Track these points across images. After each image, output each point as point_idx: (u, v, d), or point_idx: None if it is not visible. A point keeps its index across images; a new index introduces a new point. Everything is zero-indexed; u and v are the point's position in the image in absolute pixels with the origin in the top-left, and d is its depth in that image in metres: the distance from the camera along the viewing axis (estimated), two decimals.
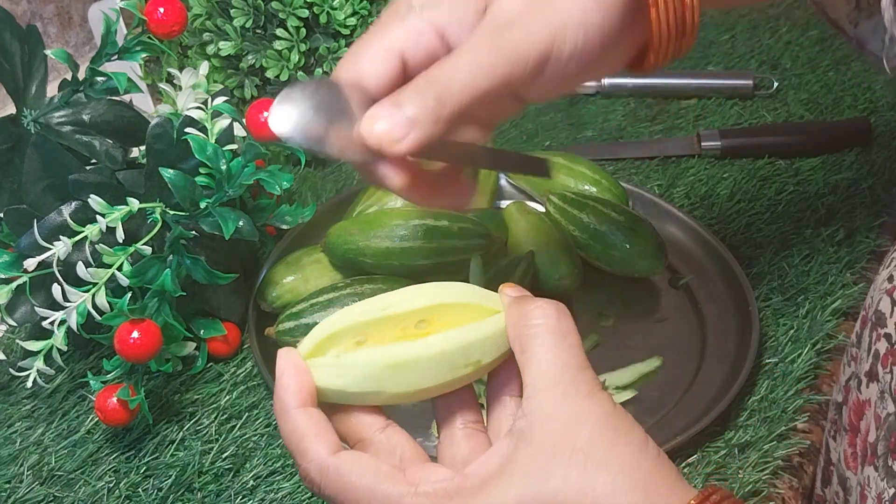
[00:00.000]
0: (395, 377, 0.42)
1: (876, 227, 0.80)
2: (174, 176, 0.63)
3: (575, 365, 0.40)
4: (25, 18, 1.05)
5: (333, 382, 0.42)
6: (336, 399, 0.43)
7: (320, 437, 0.41)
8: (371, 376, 0.42)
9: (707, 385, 0.66)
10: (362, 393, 0.42)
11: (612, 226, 0.73)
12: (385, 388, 0.42)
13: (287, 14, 0.81)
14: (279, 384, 0.42)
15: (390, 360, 0.42)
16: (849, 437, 0.59)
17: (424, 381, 0.42)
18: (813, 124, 0.92)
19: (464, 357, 0.42)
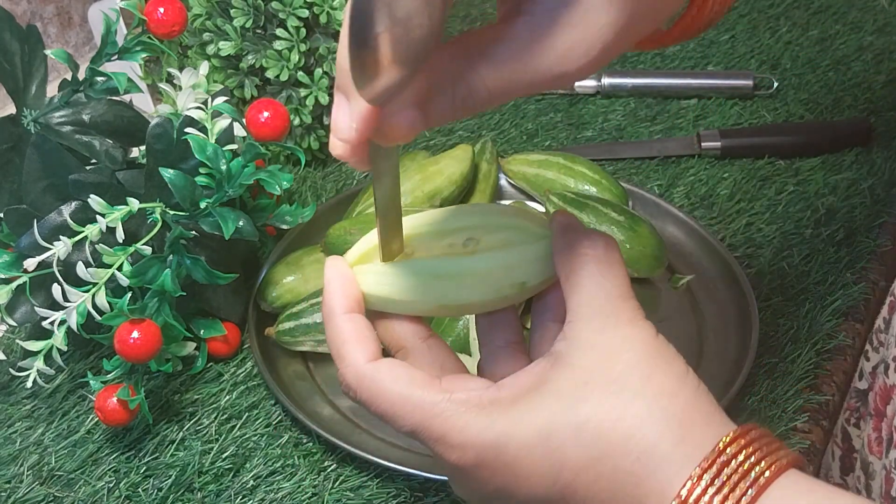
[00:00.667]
0: (441, 289, 0.42)
1: (876, 228, 0.80)
2: (174, 176, 0.63)
3: (618, 294, 0.40)
4: (25, 18, 1.05)
5: (379, 289, 0.42)
6: (380, 306, 0.43)
7: (360, 343, 0.41)
8: (417, 286, 0.42)
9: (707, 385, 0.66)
10: (407, 301, 0.42)
11: (612, 226, 0.73)
12: (429, 299, 0.42)
13: (287, 14, 0.81)
14: (326, 290, 0.42)
15: (437, 271, 0.42)
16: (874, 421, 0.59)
17: (468, 296, 0.42)
18: (813, 124, 0.92)
19: (509, 277, 0.42)
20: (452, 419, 0.39)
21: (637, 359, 0.39)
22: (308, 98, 0.84)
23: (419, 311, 0.43)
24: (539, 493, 0.39)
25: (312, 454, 0.64)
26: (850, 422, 0.64)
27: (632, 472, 0.37)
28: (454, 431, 0.39)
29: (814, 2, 1.13)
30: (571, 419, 0.38)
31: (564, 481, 0.38)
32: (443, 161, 0.80)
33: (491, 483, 0.40)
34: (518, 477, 0.39)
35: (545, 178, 0.81)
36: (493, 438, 0.39)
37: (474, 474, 0.40)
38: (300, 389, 0.68)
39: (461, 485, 0.42)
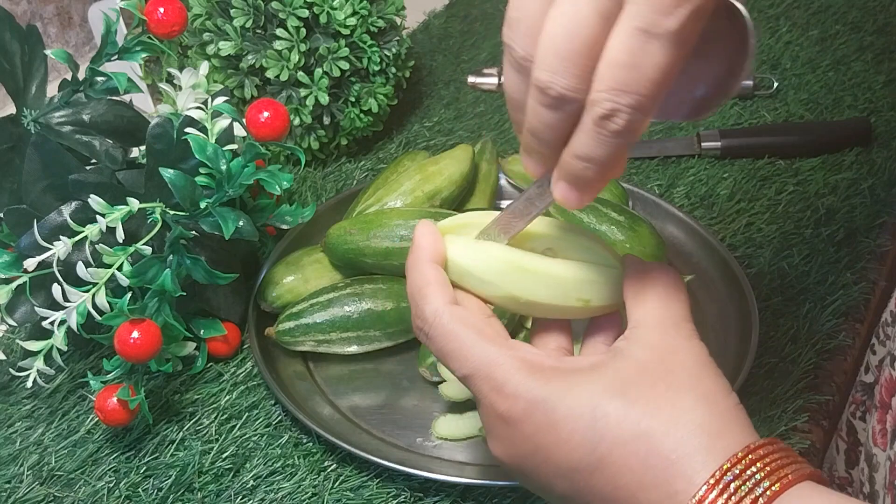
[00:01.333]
0: (516, 279, 0.45)
1: (876, 228, 0.80)
2: (174, 176, 0.63)
3: (681, 315, 0.44)
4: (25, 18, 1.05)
5: (464, 259, 0.46)
6: (457, 277, 0.46)
7: (443, 287, 0.45)
8: (497, 269, 0.45)
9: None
10: (483, 280, 0.46)
11: (612, 226, 0.73)
12: (504, 286, 0.46)
13: (287, 14, 0.81)
14: (415, 243, 0.46)
15: (519, 262, 0.45)
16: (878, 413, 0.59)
17: (538, 294, 0.46)
18: (813, 124, 0.92)
19: (577, 290, 0.46)
20: (512, 371, 0.42)
21: (691, 363, 0.42)
22: (308, 98, 0.84)
23: (490, 294, 0.46)
24: (574, 458, 0.41)
25: (312, 454, 0.64)
26: (856, 415, 0.64)
27: (666, 457, 0.39)
28: (511, 382, 0.42)
29: (814, 2, 1.13)
30: (621, 397, 0.40)
31: (601, 452, 0.40)
32: (443, 161, 0.80)
33: (531, 441, 0.42)
34: (559, 439, 0.41)
35: None
36: (544, 396, 0.41)
37: (518, 428, 0.42)
38: (300, 389, 0.68)
39: (501, 439, 0.44)
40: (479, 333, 0.44)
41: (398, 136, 0.96)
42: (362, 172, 0.91)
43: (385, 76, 0.88)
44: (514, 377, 0.42)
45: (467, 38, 1.13)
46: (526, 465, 0.43)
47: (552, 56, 0.36)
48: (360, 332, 0.69)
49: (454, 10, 1.19)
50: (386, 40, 0.88)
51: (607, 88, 0.36)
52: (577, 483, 0.41)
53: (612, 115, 0.36)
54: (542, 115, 0.38)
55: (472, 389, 0.44)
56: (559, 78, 0.36)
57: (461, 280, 0.47)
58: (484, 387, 0.43)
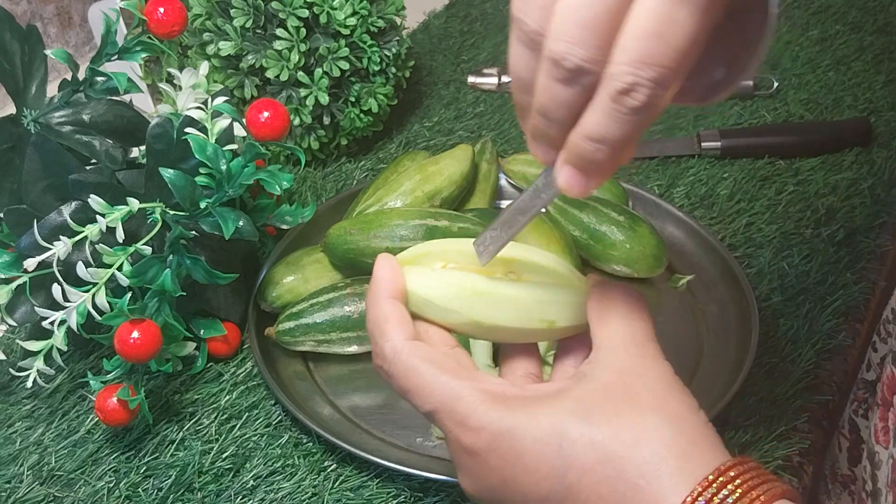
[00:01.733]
0: (479, 305, 0.45)
1: (876, 228, 0.80)
2: (174, 176, 0.63)
3: (644, 335, 0.43)
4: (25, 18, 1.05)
5: (424, 290, 0.46)
6: (418, 308, 0.46)
7: (402, 324, 0.45)
8: (458, 296, 0.45)
9: (707, 385, 0.66)
10: (445, 308, 0.46)
11: (612, 226, 0.73)
12: (466, 313, 0.45)
13: (287, 14, 0.81)
14: (375, 277, 0.46)
15: (479, 288, 0.45)
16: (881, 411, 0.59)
17: (501, 318, 0.45)
18: (813, 124, 0.92)
19: (540, 311, 0.45)
20: (475, 404, 0.42)
21: (656, 384, 0.41)
22: (308, 98, 0.84)
23: (453, 322, 0.46)
24: (543, 488, 0.40)
25: (312, 454, 0.64)
26: (858, 413, 0.64)
27: (635, 482, 0.38)
28: (475, 415, 0.41)
29: (814, 2, 1.13)
30: (586, 423, 0.40)
31: (570, 480, 0.39)
32: (443, 161, 0.80)
33: (498, 473, 0.41)
34: (526, 470, 0.40)
35: None
36: (508, 427, 0.41)
37: (485, 461, 0.41)
38: (300, 389, 0.68)
39: (469, 473, 0.43)
40: (440, 368, 0.43)
41: (398, 136, 0.96)
42: (362, 172, 0.91)
43: (385, 76, 0.88)
44: (476, 409, 0.41)
45: (467, 38, 1.13)
46: (495, 497, 0.42)
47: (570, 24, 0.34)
48: (359, 331, 0.69)
49: (454, 10, 1.19)
50: (386, 40, 0.88)
51: (630, 61, 0.33)
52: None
53: (631, 89, 0.34)
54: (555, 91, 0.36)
55: (438, 425, 0.43)
56: (577, 48, 0.34)
57: (422, 311, 0.46)
58: (448, 422, 0.42)
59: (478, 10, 1.19)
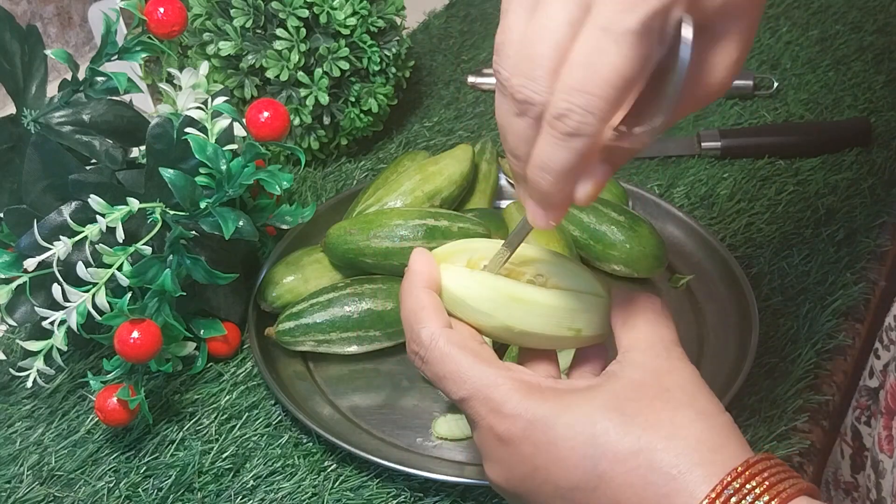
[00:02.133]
0: (510, 309, 0.45)
1: (876, 228, 0.80)
2: (174, 176, 0.63)
3: (670, 339, 0.44)
4: (25, 18, 1.05)
5: (459, 289, 0.46)
6: (450, 306, 0.47)
7: (438, 311, 0.45)
8: (491, 298, 0.46)
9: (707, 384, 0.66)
10: (477, 310, 0.46)
11: (612, 226, 0.73)
12: (498, 316, 0.46)
13: (287, 14, 0.81)
14: (412, 269, 0.46)
15: (513, 293, 0.46)
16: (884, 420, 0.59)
17: (533, 325, 0.46)
18: (813, 124, 0.92)
19: (570, 319, 0.46)
20: (510, 392, 0.42)
21: (684, 382, 0.42)
22: (308, 98, 0.84)
23: (483, 324, 0.46)
24: (575, 476, 0.41)
25: (312, 454, 0.64)
26: (861, 420, 0.64)
27: (667, 471, 0.39)
28: (510, 403, 0.42)
29: (814, 2, 1.13)
30: (619, 414, 0.41)
31: (602, 469, 0.40)
32: (443, 161, 0.80)
33: (530, 461, 0.42)
34: (559, 458, 0.41)
35: None
36: (543, 416, 0.42)
37: (517, 448, 0.42)
38: (300, 389, 0.68)
39: (499, 462, 0.44)
40: (476, 356, 0.44)
41: (398, 136, 0.96)
42: (362, 172, 0.91)
43: (385, 76, 0.88)
44: (512, 397, 0.42)
45: (467, 38, 1.13)
46: (524, 487, 0.43)
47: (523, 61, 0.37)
48: (359, 332, 0.69)
49: (454, 10, 1.19)
50: (386, 40, 0.88)
51: (563, 88, 0.36)
52: (576, 502, 0.41)
53: (564, 114, 0.36)
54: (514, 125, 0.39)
55: (469, 412, 0.44)
56: (526, 80, 0.37)
57: (454, 309, 0.47)
58: (482, 409, 0.43)
59: (478, 10, 1.19)
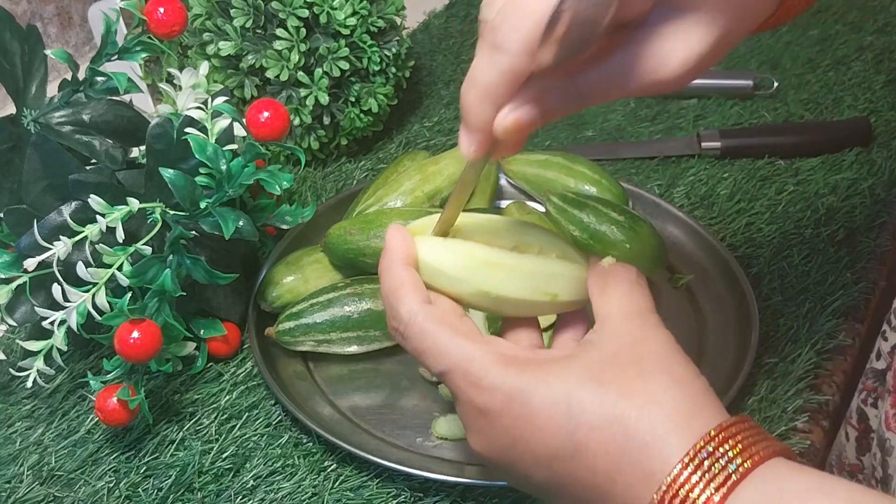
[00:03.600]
0: (487, 275, 0.46)
1: (876, 227, 0.80)
2: (174, 176, 0.63)
3: (645, 306, 0.45)
4: (25, 18, 1.05)
5: (434, 258, 0.47)
6: (428, 277, 0.47)
7: (416, 288, 0.46)
8: (468, 266, 0.46)
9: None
10: (454, 277, 0.47)
11: (612, 226, 0.73)
12: (473, 282, 0.46)
13: (287, 14, 0.81)
14: (388, 246, 0.47)
15: (488, 258, 0.46)
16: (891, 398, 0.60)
17: (508, 289, 0.46)
18: (813, 124, 0.92)
19: (546, 284, 0.47)
20: (488, 366, 0.43)
21: (660, 350, 0.43)
22: (308, 98, 0.84)
23: (461, 292, 0.47)
24: (552, 445, 0.41)
25: (312, 454, 0.64)
26: (867, 402, 0.64)
27: (642, 438, 0.40)
28: (488, 376, 0.43)
29: (814, 2, 1.13)
30: (595, 384, 0.41)
31: (579, 438, 0.41)
32: (443, 161, 0.80)
33: (509, 432, 0.42)
34: (537, 428, 0.42)
35: (545, 178, 0.81)
36: (520, 388, 0.42)
37: (497, 420, 0.43)
38: (300, 389, 0.68)
39: (481, 433, 0.44)
40: (455, 330, 0.44)
41: (398, 136, 0.96)
42: (362, 172, 0.91)
43: (385, 76, 0.88)
44: (490, 370, 0.43)
45: (467, 37, 1.13)
46: (506, 457, 0.44)
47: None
48: (360, 331, 0.69)
49: (454, 9, 1.19)
50: (386, 40, 0.88)
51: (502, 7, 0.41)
52: (556, 471, 0.42)
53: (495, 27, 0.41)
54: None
55: (450, 386, 0.45)
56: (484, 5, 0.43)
57: (432, 279, 0.47)
58: (461, 382, 0.44)
59: (478, 10, 1.19)
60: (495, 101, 0.41)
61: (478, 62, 0.41)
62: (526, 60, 0.40)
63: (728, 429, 0.39)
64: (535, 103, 0.41)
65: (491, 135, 0.42)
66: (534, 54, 0.40)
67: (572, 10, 0.38)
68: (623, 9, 0.40)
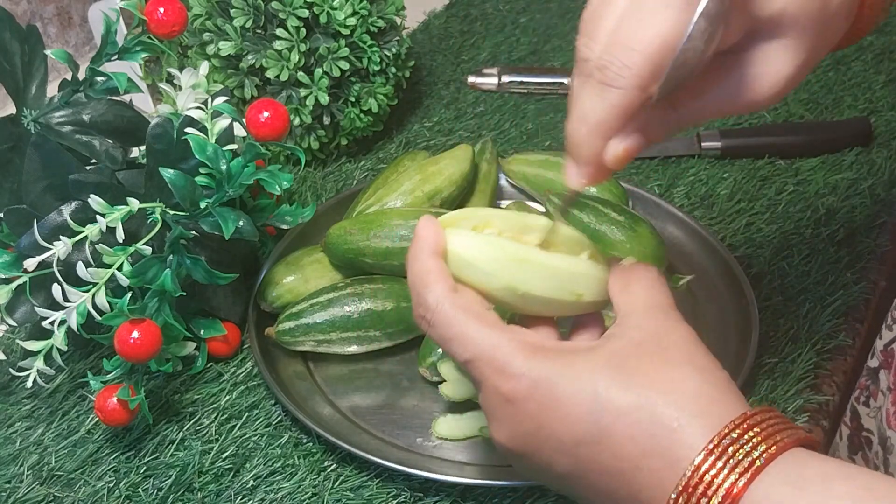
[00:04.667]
0: (515, 271, 0.46)
1: (876, 228, 0.80)
2: (174, 176, 0.63)
3: (666, 303, 0.46)
4: (25, 18, 1.05)
5: (464, 250, 0.47)
6: (456, 269, 0.47)
7: (444, 277, 0.46)
8: (497, 260, 0.46)
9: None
10: (483, 270, 0.47)
11: (611, 226, 0.73)
12: (502, 276, 0.46)
13: (287, 14, 0.81)
14: (418, 235, 0.47)
15: (519, 255, 0.47)
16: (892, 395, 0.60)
17: (535, 287, 0.47)
18: (813, 124, 0.92)
19: (572, 283, 0.47)
20: (514, 353, 0.44)
21: (683, 341, 0.44)
22: (308, 98, 0.84)
23: (489, 285, 0.47)
24: (578, 431, 0.42)
25: (312, 454, 0.64)
26: (860, 400, 0.64)
27: (668, 423, 0.40)
28: (515, 363, 0.43)
29: None
30: (620, 371, 0.42)
31: (604, 424, 0.41)
32: (443, 161, 0.80)
33: (535, 419, 0.43)
34: (562, 414, 0.42)
35: (545, 178, 0.81)
36: (546, 375, 0.43)
37: (522, 407, 0.43)
38: (300, 389, 0.68)
39: (504, 421, 0.45)
40: (481, 319, 0.45)
41: (398, 136, 0.96)
42: (362, 172, 0.91)
43: (385, 76, 0.88)
44: (516, 358, 0.43)
45: (467, 37, 1.13)
46: (529, 445, 0.44)
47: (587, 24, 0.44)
48: (360, 332, 0.69)
49: (454, 9, 1.19)
50: (386, 40, 0.88)
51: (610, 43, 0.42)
52: (580, 458, 0.42)
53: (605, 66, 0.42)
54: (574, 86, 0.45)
55: (474, 373, 0.45)
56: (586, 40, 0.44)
57: (460, 272, 0.47)
58: (486, 370, 0.44)
59: (478, 10, 1.19)
60: (606, 135, 0.44)
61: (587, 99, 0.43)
62: (637, 96, 0.42)
63: (753, 417, 0.40)
64: (642, 132, 0.45)
65: (599, 166, 0.45)
66: (645, 89, 0.42)
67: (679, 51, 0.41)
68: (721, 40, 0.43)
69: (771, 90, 0.46)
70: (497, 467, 0.63)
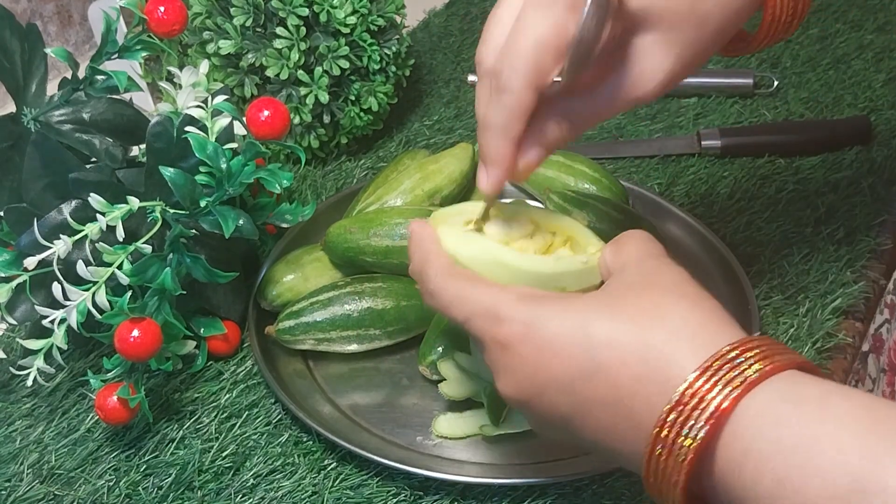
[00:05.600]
0: (495, 271, 0.49)
1: (876, 226, 0.80)
2: (174, 174, 0.63)
3: (660, 253, 0.48)
4: (25, 17, 1.05)
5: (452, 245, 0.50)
6: None
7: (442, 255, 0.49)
8: (478, 260, 0.49)
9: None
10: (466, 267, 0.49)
11: (612, 224, 0.73)
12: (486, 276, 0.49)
13: (287, 12, 0.81)
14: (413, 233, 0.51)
15: (499, 258, 0.49)
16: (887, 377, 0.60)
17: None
18: (813, 123, 0.92)
19: (554, 281, 0.49)
20: (509, 302, 0.46)
21: (675, 279, 0.45)
22: (308, 96, 0.84)
23: None
24: (572, 367, 0.43)
25: (312, 453, 0.64)
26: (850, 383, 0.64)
27: (660, 348, 0.41)
28: (507, 311, 0.45)
29: (814, 0, 1.13)
30: (610, 308, 0.43)
31: (598, 357, 0.42)
32: (443, 160, 0.80)
33: (531, 361, 0.44)
34: (556, 353, 0.43)
35: (545, 177, 0.81)
36: (538, 316, 0.44)
37: (518, 350, 0.45)
38: (300, 388, 0.68)
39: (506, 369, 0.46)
40: (476, 281, 0.48)
41: (398, 134, 0.96)
42: (362, 171, 0.91)
43: (385, 75, 0.88)
44: (510, 305, 0.45)
45: (467, 36, 1.13)
46: (531, 390, 0.45)
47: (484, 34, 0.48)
48: (360, 330, 0.69)
49: (454, 8, 1.19)
50: (386, 39, 0.88)
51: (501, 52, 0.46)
52: (579, 394, 0.43)
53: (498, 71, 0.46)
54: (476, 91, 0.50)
55: (474, 331, 0.46)
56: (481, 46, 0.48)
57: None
58: (483, 322, 0.46)
59: (478, 9, 1.19)
60: (509, 136, 0.47)
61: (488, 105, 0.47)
62: (530, 95, 0.45)
63: (751, 341, 0.40)
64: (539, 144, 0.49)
65: (508, 169, 0.48)
66: (537, 87, 0.45)
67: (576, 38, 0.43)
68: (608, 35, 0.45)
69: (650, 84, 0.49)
70: (497, 466, 0.63)
